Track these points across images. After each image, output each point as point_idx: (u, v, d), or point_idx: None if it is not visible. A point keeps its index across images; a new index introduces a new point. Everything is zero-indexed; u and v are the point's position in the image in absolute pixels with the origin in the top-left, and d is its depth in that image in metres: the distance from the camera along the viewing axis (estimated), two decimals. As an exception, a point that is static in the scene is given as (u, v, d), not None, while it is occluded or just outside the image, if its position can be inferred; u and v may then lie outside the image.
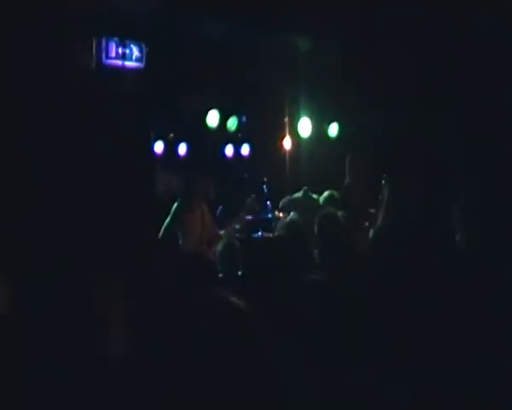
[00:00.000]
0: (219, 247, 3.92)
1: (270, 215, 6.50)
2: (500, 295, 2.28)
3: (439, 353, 2.03)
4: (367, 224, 4.83)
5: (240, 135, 7.77)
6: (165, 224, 5.81)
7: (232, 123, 7.50)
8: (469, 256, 2.73)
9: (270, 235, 5.93)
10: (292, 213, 5.35)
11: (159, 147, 7.36)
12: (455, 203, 3.04)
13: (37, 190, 5.25)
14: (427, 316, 2.20)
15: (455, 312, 2.23)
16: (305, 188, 5.91)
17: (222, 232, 5.84)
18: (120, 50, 6.38)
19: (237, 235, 5.90)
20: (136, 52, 6.43)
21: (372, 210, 5.02)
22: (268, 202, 6.72)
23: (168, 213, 5.84)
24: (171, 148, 7.49)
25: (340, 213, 4.06)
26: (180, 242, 5.72)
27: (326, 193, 5.58)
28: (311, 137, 7.41)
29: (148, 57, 6.35)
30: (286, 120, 7.32)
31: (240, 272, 3.72)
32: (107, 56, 6.30)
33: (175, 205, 5.88)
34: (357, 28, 6.26)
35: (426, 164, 6.22)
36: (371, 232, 3.73)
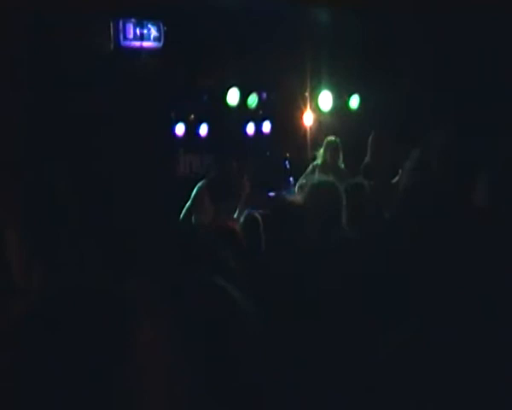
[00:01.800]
0: (241, 219, 3.90)
1: (292, 191, 6.45)
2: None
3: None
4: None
5: (261, 112, 7.70)
6: (185, 207, 5.83)
7: (252, 100, 7.44)
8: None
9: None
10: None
11: (180, 129, 7.33)
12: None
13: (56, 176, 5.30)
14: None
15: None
16: (315, 164, 5.84)
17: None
18: (138, 31, 6.36)
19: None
20: (153, 32, 6.42)
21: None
22: (291, 178, 6.68)
23: (189, 197, 5.85)
24: (192, 129, 7.46)
25: (366, 183, 3.98)
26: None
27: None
28: (331, 111, 7.36)
29: (167, 36, 6.33)
30: (306, 94, 7.26)
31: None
32: (125, 38, 6.28)
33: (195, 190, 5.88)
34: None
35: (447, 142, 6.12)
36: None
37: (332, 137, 5.97)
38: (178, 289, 1.12)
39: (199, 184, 5.97)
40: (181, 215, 5.87)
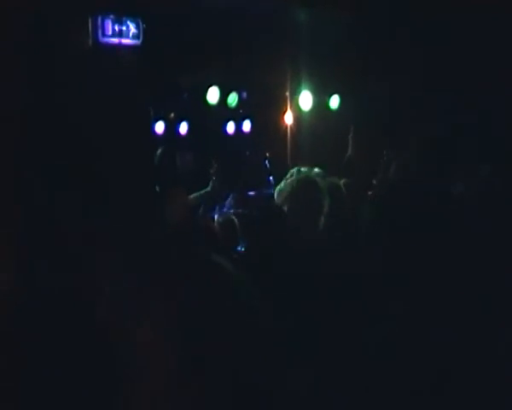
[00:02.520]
0: (217, 220, 3.90)
1: (271, 191, 6.40)
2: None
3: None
4: (370, 193, 4.75)
5: (241, 111, 7.71)
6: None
7: (232, 99, 7.43)
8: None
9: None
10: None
11: (159, 127, 7.30)
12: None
13: (33, 175, 5.23)
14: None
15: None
16: (299, 168, 5.79)
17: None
18: (117, 28, 6.21)
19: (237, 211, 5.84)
20: (132, 29, 6.26)
21: (374, 181, 4.96)
22: (270, 178, 6.65)
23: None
24: (172, 127, 7.45)
25: (342, 182, 3.94)
26: None
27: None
28: (312, 111, 7.36)
29: (146, 34, 6.13)
30: (287, 94, 7.25)
31: (240, 247, 3.64)
32: (104, 34, 6.13)
33: None
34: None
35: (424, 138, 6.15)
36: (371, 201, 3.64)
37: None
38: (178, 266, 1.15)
39: None
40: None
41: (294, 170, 4.82)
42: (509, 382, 1.93)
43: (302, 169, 5.64)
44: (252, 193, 6.49)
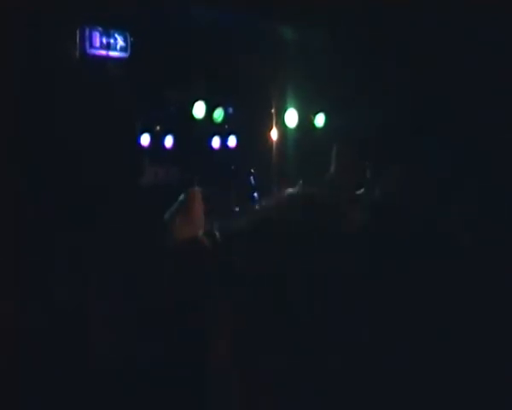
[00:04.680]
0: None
1: (256, 207, 6.38)
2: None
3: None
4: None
5: (226, 127, 7.69)
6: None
7: (218, 114, 7.44)
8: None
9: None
10: None
11: (145, 139, 7.28)
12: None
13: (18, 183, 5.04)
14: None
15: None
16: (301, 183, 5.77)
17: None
18: (104, 40, 6.31)
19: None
20: (120, 42, 6.37)
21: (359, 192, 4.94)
22: (255, 194, 6.64)
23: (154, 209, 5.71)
24: (157, 140, 7.42)
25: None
26: None
27: None
28: (297, 128, 7.38)
29: (133, 47, 6.28)
30: (273, 110, 7.27)
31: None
32: (91, 46, 6.22)
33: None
34: (345, 16, 6.23)
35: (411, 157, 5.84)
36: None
37: None
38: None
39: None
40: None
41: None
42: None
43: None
44: (237, 209, 6.46)
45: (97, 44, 6.28)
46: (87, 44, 6.22)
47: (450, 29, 6.04)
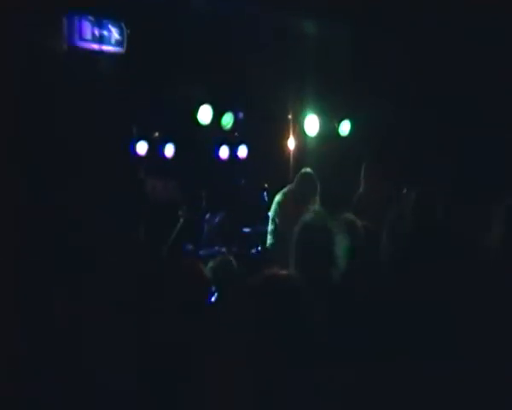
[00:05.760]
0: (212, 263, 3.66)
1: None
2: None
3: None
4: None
5: (236, 134, 7.33)
6: None
7: (227, 120, 7.00)
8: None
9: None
10: None
11: (142, 147, 6.91)
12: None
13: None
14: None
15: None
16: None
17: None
18: (97, 32, 5.85)
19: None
20: (115, 34, 5.91)
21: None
22: (269, 213, 6.03)
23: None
24: (156, 149, 7.10)
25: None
26: None
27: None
28: (319, 137, 6.96)
29: (130, 41, 5.82)
30: (289, 117, 6.87)
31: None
32: (81, 38, 5.76)
33: None
34: (370, 12, 5.79)
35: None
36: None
37: (307, 169, 5.54)
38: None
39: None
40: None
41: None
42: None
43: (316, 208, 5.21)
44: (246, 230, 5.97)
45: (88, 36, 5.82)
46: (76, 36, 5.74)
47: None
